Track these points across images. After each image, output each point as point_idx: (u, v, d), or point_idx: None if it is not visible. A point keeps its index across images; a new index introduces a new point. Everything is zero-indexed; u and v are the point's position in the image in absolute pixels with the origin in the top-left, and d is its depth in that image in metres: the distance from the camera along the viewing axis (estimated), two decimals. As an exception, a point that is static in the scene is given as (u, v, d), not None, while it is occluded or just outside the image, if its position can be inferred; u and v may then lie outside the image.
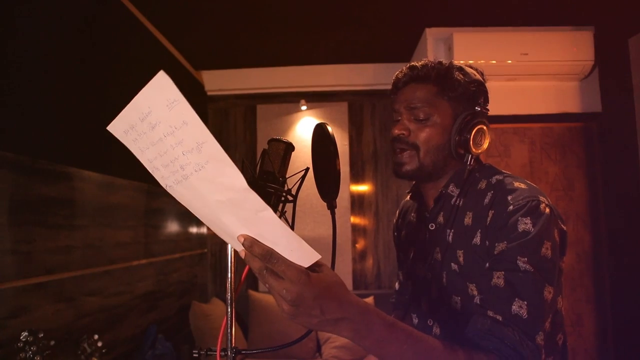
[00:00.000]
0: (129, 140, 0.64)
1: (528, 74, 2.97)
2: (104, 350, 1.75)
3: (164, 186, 0.66)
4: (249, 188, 0.56)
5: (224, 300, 3.40)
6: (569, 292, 2.94)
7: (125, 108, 0.59)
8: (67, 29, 1.98)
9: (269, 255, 0.60)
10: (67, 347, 1.70)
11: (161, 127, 0.57)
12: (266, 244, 0.61)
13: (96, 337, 1.75)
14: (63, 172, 1.89)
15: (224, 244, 3.24)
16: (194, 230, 3.63)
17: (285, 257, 0.61)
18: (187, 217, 3.48)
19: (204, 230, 3.85)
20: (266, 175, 0.72)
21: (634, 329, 2.69)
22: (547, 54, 2.88)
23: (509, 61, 2.89)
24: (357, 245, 3.84)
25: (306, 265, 0.62)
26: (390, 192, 3.87)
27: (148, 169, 0.66)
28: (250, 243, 0.61)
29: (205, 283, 3.84)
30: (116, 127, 0.63)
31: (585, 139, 3.04)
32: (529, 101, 3.06)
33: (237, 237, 0.62)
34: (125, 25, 2.58)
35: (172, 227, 3.17)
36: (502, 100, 3.03)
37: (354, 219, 3.85)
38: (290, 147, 0.74)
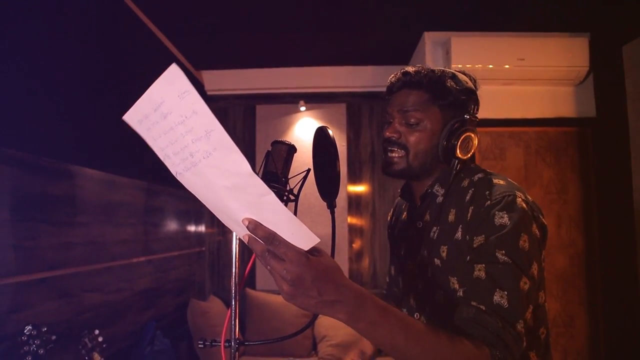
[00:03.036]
0: (143, 129, 0.67)
1: (524, 78, 3.01)
2: (104, 346, 1.78)
3: (174, 173, 0.69)
4: (253, 173, 0.60)
5: (222, 298, 3.44)
6: (561, 294, 2.99)
7: (140, 98, 0.62)
8: (69, 28, 2.01)
9: (272, 238, 0.64)
10: (69, 342, 1.73)
11: (172, 117, 0.61)
12: (269, 227, 0.65)
13: (97, 332, 1.78)
14: (66, 169, 1.92)
15: (222, 243, 3.25)
16: (192, 228, 3.66)
17: (287, 239, 0.65)
18: (186, 216, 3.51)
19: (202, 228, 3.89)
20: (269, 175, 0.75)
21: (625, 331, 2.74)
22: (543, 60, 2.93)
23: (506, 66, 2.93)
24: (353, 245, 3.88)
25: (306, 249, 0.66)
26: (387, 193, 3.91)
27: (160, 156, 0.69)
28: (254, 226, 0.65)
29: (203, 281, 3.87)
30: (131, 117, 0.66)
31: (579, 143, 3.09)
32: (524, 105, 3.11)
33: (242, 221, 0.65)
34: (127, 24, 2.61)
35: (171, 225, 3.20)
36: (498, 104, 3.08)
37: (351, 219, 3.89)
38: (292, 149, 0.78)
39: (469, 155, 1.04)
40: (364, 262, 3.87)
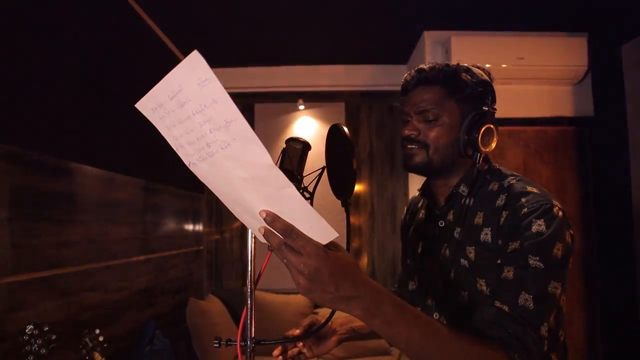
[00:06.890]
0: (156, 118, 0.65)
1: (523, 77, 3.03)
2: (105, 345, 1.76)
3: (187, 164, 0.67)
4: (273, 165, 0.58)
5: (220, 297, 3.42)
6: (560, 292, 3.00)
7: (156, 86, 0.60)
8: (70, 25, 1.99)
9: (290, 231, 0.63)
10: (69, 341, 1.72)
11: (190, 105, 0.58)
12: (286, 220, 0.63)
13: (97, 331, 1.76)
14: (66, 167, 1.90)
15: (219, 242, 3.21)
16: (190, 227, 3.65)
17: (304, 233, 0.64)
18: (184, 215, 3.49)
19: (199, 227, 3.87)
20: (285, 173, 0.74)
21: (623, 330, 2.76)
22: (542, 59, 2.94)
23: (505, 65, 2.94)
24: (352, 244, 3.88)
25: (324, 243, 0.65)
26: (385, 192, 3.91)
27: (172, 146, 0.67)
28: (272, 218, 0.63)
29: (200, 280, 3.86)
30: (144, 105, 0.64)
31: (577, 142, 3.10)
32: (523, 105, 3.12)
33: (259, 213, 0.64)
34: (126, 23, 2.59)
35: (170, 224, 3.18)
36: (497, 103, 3.07)
37: (350, 219, 3.88)
38: (307, 147, 0.77)
39: (491, 147, 1.02)
40: (362, 260, 3.87)
